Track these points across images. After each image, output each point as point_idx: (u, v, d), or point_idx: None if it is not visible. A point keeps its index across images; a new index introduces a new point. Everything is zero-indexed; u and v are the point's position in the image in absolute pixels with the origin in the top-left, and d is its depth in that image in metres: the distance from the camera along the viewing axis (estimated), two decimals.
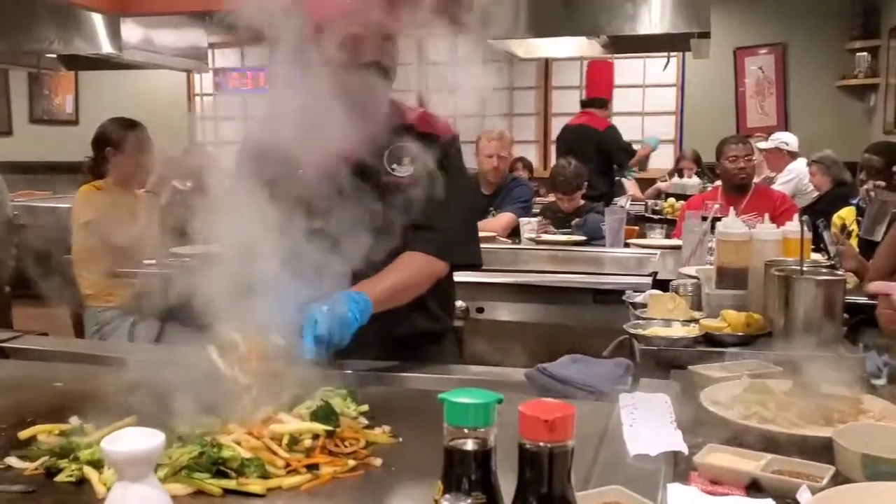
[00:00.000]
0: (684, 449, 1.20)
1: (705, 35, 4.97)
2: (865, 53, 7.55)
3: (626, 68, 7.83)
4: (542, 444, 0.80)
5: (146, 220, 3.09)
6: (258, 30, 1.50)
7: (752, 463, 1.14)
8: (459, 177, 1.92)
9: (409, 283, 1.77)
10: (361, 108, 1.73)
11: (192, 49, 4.67)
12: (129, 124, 3.41)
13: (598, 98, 6.05)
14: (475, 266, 1.91)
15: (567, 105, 7.91)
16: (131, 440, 0.80)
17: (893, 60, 7.08)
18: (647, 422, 1.31)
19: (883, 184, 3.89)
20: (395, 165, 1.81)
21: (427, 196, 1.77)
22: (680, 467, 1.17)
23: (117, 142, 3.32)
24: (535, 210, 4.58)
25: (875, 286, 1.33)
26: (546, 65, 8.15)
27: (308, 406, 1.23)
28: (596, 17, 4.72)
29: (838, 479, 1.09)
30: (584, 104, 6.16)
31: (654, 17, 4.77)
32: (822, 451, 1.17)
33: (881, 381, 1.67)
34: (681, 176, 6.59)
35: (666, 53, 6.46)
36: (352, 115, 1.69)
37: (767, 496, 1.07)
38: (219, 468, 1.08)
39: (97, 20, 4.10)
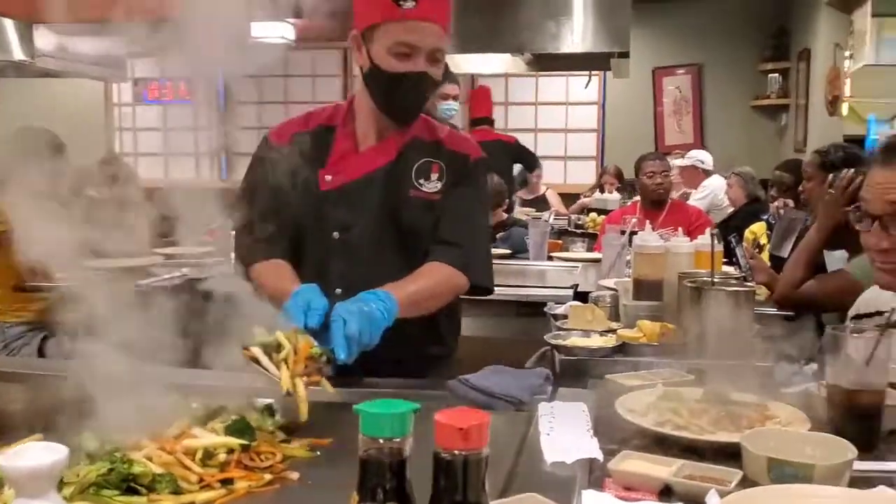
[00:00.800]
0: (599, 456, 1.22)
1: (625, 55, 5.11)
2: (777, 75, 7.88)
3: (550, 87, 8.00)
4: (456, 452, 0.81)
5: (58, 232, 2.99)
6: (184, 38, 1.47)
7: (665, 469, 1.17)
8: (484, 198, 1.94)
9: (434, 292, 1.74)
10: (405, 113, 1.78)
11: (110, 58, 4.57)
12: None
13: (485, 117, 6.26)
14: (489, 290, 1.88)
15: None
16: (31, 455, 0.77)
17: (802, 82, 7.39)
18: (564, 430, 1.33)
19: (791, 203, 4.06)
20: (422, 180, 1.80)
21: (453, 212, 1.79)
22: (595, 474, 1.20)
23: None
24: None
25: None
26: (472, 81, 8.25)
27: (223, 420, 1.21)
28: (520, 35, 4.80)
29: (746, 483, 1.12)
30: (476, 122, 6.34)
31: (576, 37, 4.89)
32: (731, 455, 1.21)
33: (791, 390, 1.74)
34: (602, 191, 6.74)
35: (587, 72, 6.63)
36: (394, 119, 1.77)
37: (679, 501, 1.10)
38: (129, 485, 1.05)
39: (8, 26, 3.97)
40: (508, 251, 4.04)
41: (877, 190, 1.61)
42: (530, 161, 6.30)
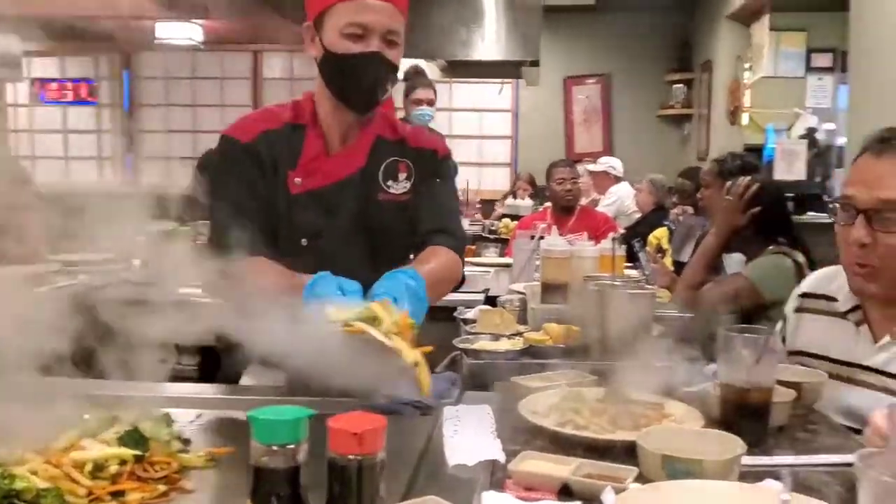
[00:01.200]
0: (501, 457, 1.23)
1: (535, 63, 5.21)
2: (681, 85, 8.15)
3: (465, 94, 8.07)
4: (351, 457, 0.80)
5: None
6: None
7: (564, 468, 1.19)
8: (455, 195, 1.93)
9: (443, 275, 1.72)
10: (362, 99, 1.71)
11: (4, 56, 4.37)
12: None
13: None
14: (461, 283, 1.89)
15: None
16: None
17: (705, 92, 7.67)
18: (468, 433, 1.34)
19: (690, 209, 4.20)
20: (390, 182, 1.77)
21: (437, 202, 1.78)
22: (497, 475, 1.20)
23: None
24: None
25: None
26: None
27: (116, 431, 1.17)
28: (433, 41, 4.83)
29: (642, 480, 1.15)
30: None
31: (488, 45, 4.95)
32: (629, 453, 1.24)
33: (691, 389, 1.79)
34: (515, 197, 6.83)
35: (500, 80, 6.72)
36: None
37: (577, 499, 1.12)
38: (11, 501, 1.00)
39: None
40: None
41: (867, 183, 1.53)
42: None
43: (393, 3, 1.67)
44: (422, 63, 5.37)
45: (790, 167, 6.52)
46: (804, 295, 1.82)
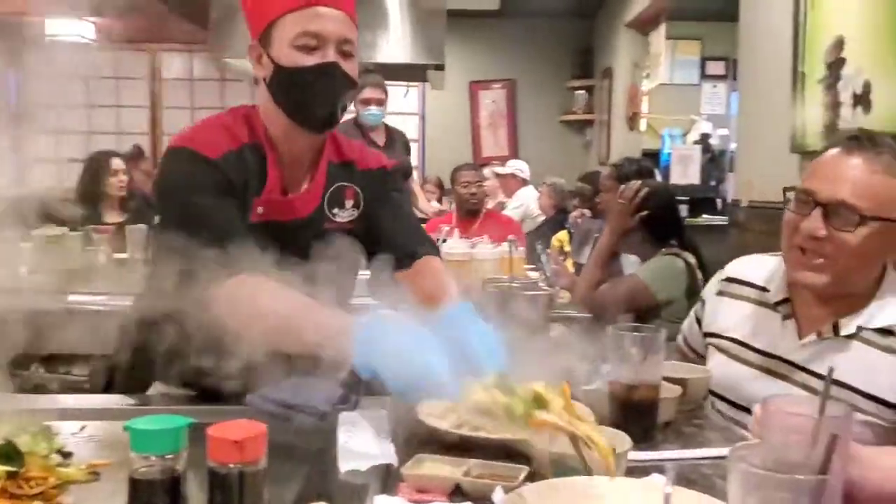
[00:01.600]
0: (394, 461, 1.23)
1: (440, 67, 5.24)
2: (583, 92, 8.34)
3: None
4: (231, 465, 0.79)
5: None
6: None
7: (456, 469, 1.20)
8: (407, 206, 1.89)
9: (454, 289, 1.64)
10: (318, 117, 1.58)
11: None
12: None
13: None
14: None
15: None
16: None
17: (605, 99, 7.88)
18: (362, 438, 1.33)
19: (589, 213, 4.31)
20: (336, 209, 1.67)
21: (407, 215, 1.74)
22: (390, 480, 1.20)
23: None
24: None
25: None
26: None
27: None
28: None
29: (534, 478, 1.17)
30: None
31: (393, 48, 4.95)
32: (523, 454, 1.26)
33: (591, 387, 1.83)
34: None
35: (406, 83, 6.73)
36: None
37: (469, 500, 1.13)
38: None
39: None
40: None
41: (830, 179, 1.50)
42: None
43: (346, 10, 1.58)
44: None
45: (685, 171, 6.77)
46: (729, 279, 1.81)
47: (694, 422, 1.54)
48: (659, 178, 5.00)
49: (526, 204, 6.54)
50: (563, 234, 4.67)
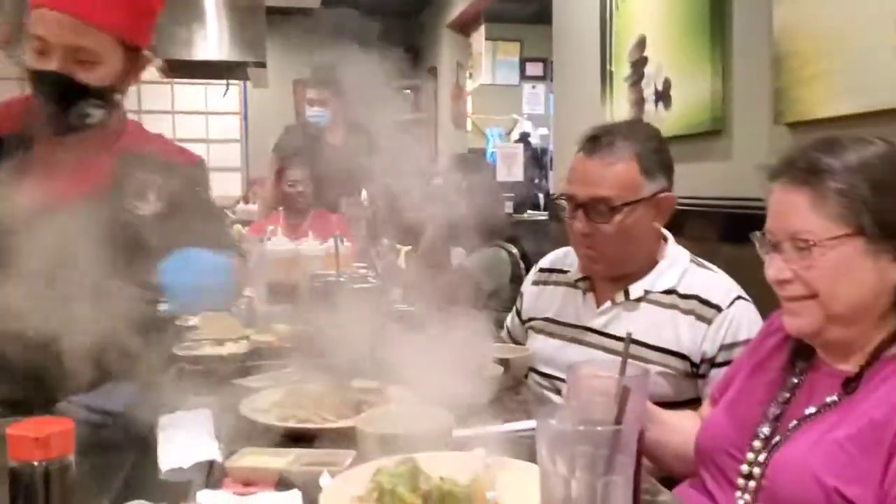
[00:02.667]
0: (218, 457, 1.20)
1: (262, 64, 5.14)
2: (409, 92, 8.43)
3: (188, 95, 7.76)
4: (35, 463, 0.75)
5: None
6: None
7: (282, 460, 1.19)
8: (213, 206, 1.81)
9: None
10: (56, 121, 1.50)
11: None
12: None
13: None
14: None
15: None
16: None
17: (431, 98, 8.02)
18: (184, 437, 1.29)
19: None
20: (136, 202, 1.59)
21: (207, 216, 1.68)
22: (214, 476, 1.18)
23: None
24: None
25: None
26: None
27: None
28: (151, 40, 4.56)
29: (361, 462, 1.18)
30: None
31: (211, 45, 4.80)
32: (351, 440, 1.26)
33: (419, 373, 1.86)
34: (246, 203, 6.69)
35: (226, 81, 6.54)
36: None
37: (296, 488, 1.12)
38: None
39: None
40: None
41: (582, 181, 1.71)
42: None
43: (80, 16, 1.48)
44: None
45: (510, 169, 7.01)
46: (542, 270, 2.01)
47: (516, 398, 1.61)
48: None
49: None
50: None
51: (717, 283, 1.69)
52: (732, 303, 1.64)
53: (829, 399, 1.15)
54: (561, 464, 0.82)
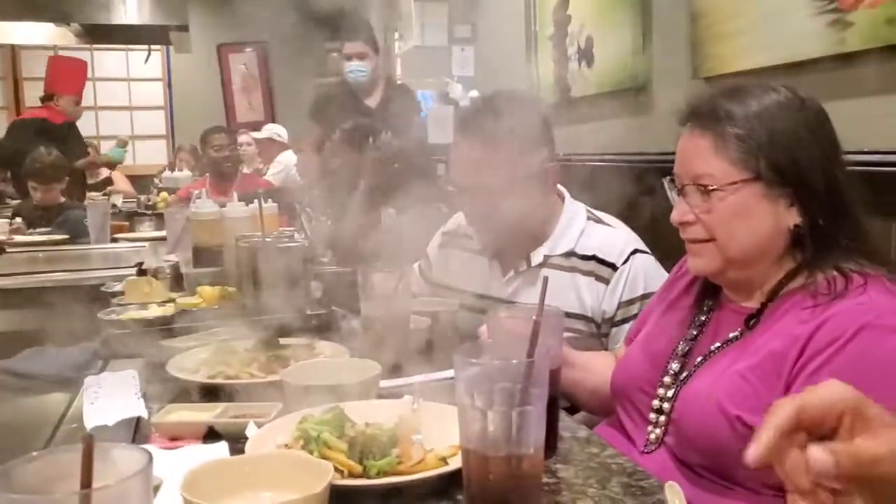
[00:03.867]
0: (144, 413, 1.20)
1: (184, 29, 5.01)
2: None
3: (109, 61, 7.51)
4: None
5: None
6: None
7: (208, 414, 1.19)
8: None
9: None
10: None
11: None
12: None
13: (57, 94, 5.70)
14: None
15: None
16: None
17: None
18: (110, 397, 1.28)
19: None
20: None
21: None
22: (141, 432, 1.18)
23: None
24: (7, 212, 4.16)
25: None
26: (13, 53, 7.42)
27: None
28: (65, 4, 4.44)
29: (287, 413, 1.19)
30: (44, 99, 5.76)
31: (130, 9, 4.66)
32: (277, 394, 1.27)
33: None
34: (172, 170, 6.55)
35: (147, 46, 6.36)
36: None
37: (223, 440, 1.14)
38: None
39: None
40: (66, 236, 3.75)
41: (458, 165, 1.73)
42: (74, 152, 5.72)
43: None
44: (51, 28, 4.90)
45: (442, 132, 6.98)
46: (446, 233, 2.00)
47: (440, 348, 1.64)
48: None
49: (287, 168, 6.46)
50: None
51: (613, 240, 1.70)
52: (628, 259, 1.66)
53: (731, 334, 1.20)
54: (478, 399, 0.85)
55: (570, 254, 1.70)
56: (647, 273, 1.65)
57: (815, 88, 1.98)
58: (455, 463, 1.01)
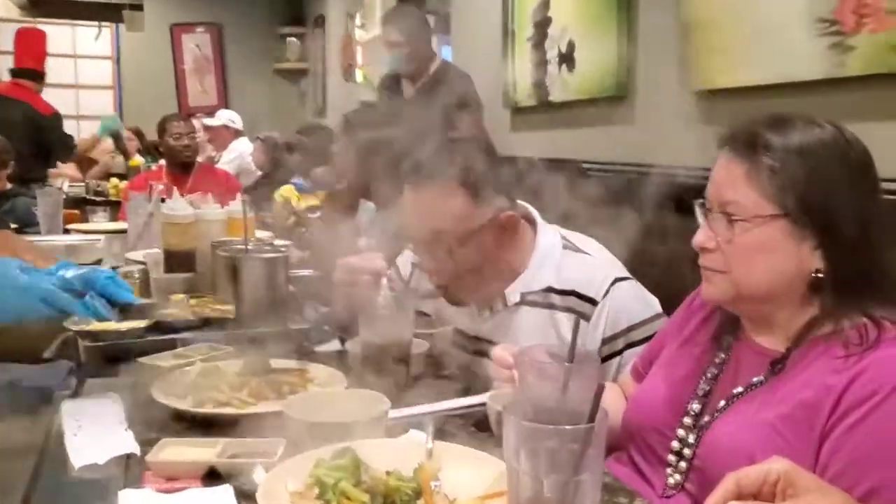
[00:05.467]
0: (136, 450, 1.11)
1: (138, 7, 4.82)
2: (295, 39, 8.15)
3: (57, 37, 7.20)
4: None
5: None
6: None
7: (208, 451, 1.11)
8: None
9: None
10: None
11: None
12: None
13: (28, 69, 5.40)
14: None
15: None
16: None
17: (319, 48, 7.76)
18: (94, 427, 1.19)
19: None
20: None
21: None
22: (133, 470, 1.09)
23: None
24: None
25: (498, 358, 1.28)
26: None
27: None
28: None
29: (292, 451, 1.11)
30: (13, 73, 5.47)
31: None
32: (276, 426, 1.19)
33: (323, 348, 1.79)
34: (123, 154, 6.32)
35: (97, 23, 6.12)
36: None
37: (226, 482, 1.05)
38: None
39: None
40: (14, 225, 3.56)
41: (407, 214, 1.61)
42: (59, 154, 5.44)
43: None
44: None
45: None
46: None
47: (440, 374, 1.58)
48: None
49: (241, 156, 6.29)
50: (286, 189, 4.54)
51: (592, 272, 1.59)
52: (608, 291, 1.56)
53: (755, 379, 1.16)
54: (525, 459, 0.79)
55: (549, 290, 1.60)
56: (627, 305, 1.57)
57: (810, 110, 1.98)
58: None
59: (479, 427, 1.28)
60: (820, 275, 1.10)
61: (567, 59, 3.06)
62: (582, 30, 2.96)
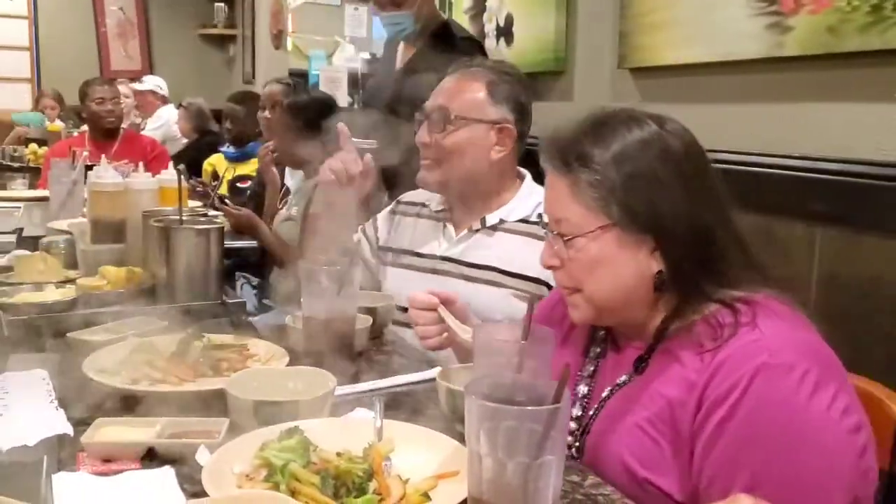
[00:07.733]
0: (69, 430, 1.06)
1: None
2: (223, 4, 7.89)
3: None
4: None
5: None
6: None
7: (146, 431, 1.06)
8: None
9: None
10: None
11: None
12: None
13: None
14: None
15: None
16: None
17: (248, 13, 7.54)
18: (22, 406, 1.13)
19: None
20: None
21: None
22: (66, 451, 1.04)
23: None
24: None
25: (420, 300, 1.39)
26: None
27: None
28: None
29: (235, 430, 1.08)
30: None
31: None
32: (216, 403, 1.15)
33: (258, 319, 1.75)
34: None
35: None
36: None
37: (166, 463, 1.01)
38: None
39: None
40: None
41: (444, 94, 1.76)
42: None
43: None
44: None
45: (335, 94, 6.77)
46: (401, 202, 1.99)
47: (383, 349, 1.55)
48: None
49: (168, 123, 6.09)
50: (215, 158, 4.42)
51: None
52: None
53: (619, 380, 1.14)
54: (485, 440, 0.78)
55: (525, 220, 1.75)
56: None
57: (748, 89, 2.02)
58: (437, 498, 0.93)
59: (422, 400, 1.27)
60: (661, 275, 1.08)
61: (505, 32, 3.03)
62: (520, 3, 2.94)
